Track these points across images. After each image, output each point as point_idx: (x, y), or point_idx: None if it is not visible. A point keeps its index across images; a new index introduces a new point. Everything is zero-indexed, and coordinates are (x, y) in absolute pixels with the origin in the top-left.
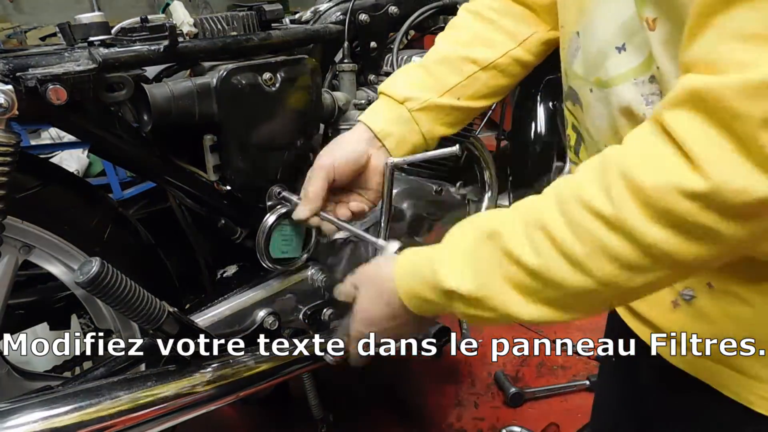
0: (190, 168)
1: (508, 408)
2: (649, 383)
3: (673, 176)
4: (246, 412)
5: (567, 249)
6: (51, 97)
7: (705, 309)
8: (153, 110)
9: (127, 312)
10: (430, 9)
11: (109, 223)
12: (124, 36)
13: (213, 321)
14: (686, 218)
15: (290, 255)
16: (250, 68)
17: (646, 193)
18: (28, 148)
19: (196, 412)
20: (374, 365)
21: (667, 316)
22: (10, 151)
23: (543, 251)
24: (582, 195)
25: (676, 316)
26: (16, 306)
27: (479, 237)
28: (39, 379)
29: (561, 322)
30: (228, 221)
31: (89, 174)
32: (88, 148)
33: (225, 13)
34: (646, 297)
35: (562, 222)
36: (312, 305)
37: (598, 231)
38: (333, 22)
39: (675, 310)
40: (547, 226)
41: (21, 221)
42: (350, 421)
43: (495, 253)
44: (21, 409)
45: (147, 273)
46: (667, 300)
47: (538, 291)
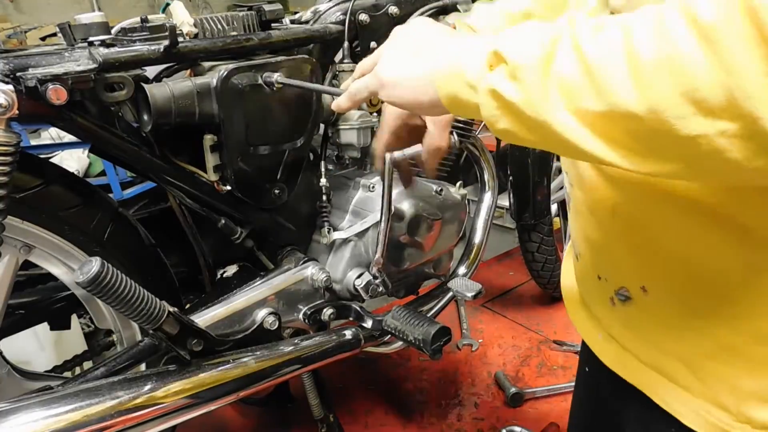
0: (190, 168)
1: (508, 408)
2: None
3: None
4: (246, 412)
5: (634, 49)
6: (51, 97)
7: (637, 312)
8: (153, 110)
9: (127, 312)
10: (430, 9)
11: (109, 223)
12: (124, 36)
13: (213, 321)
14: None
15: None
16: (250, 68)
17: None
18: (28, 148)
19: (196, 412)
20: (374, 365)
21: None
22: (11, 151)
23: (605, 44)
24: (691, 5)
25: (613, 315)
26: (16, 306)
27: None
28: (39, 379)
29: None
30: (228, 221)
31: (89, 174)
32: (88, 148)
33: (225, 13)
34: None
35: (647, 20)
36: (312, 305)
37: (683, 39)
38: (333, 22)
39: (613, 309)
40: (627, 25)
41: (21, 221)
42: (350, 421)
43: (555, 34)
44: (21, 409)
45: (147, 273)
46: (606, 296)
47: (579, 93)
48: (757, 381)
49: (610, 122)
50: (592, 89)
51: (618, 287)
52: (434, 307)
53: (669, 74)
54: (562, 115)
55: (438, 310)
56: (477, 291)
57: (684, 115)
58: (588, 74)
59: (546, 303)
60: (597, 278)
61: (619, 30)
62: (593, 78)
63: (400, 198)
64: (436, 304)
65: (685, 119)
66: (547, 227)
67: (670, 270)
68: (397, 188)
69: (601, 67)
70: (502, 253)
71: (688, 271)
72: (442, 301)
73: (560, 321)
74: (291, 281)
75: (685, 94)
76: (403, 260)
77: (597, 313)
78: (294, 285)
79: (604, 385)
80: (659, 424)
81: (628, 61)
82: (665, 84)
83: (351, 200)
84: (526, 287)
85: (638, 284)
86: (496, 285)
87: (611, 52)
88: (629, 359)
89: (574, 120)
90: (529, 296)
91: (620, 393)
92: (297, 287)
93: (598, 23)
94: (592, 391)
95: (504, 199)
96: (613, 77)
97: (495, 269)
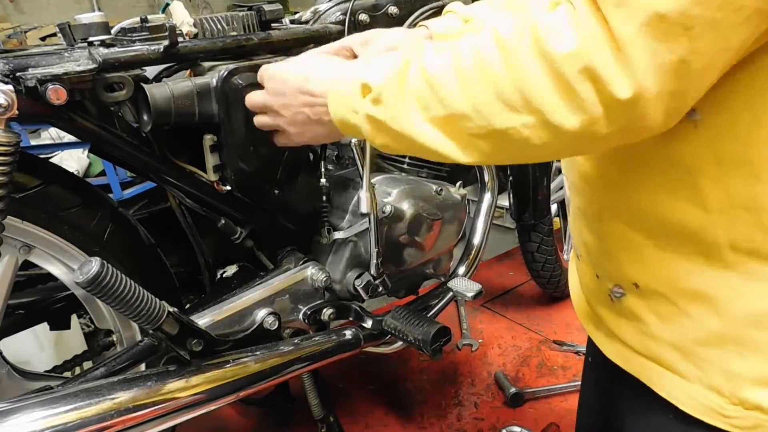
0: (190, 168)
1: (508, 408)
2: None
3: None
4: (246, 412)
5: (461, 63)
6: (51, 97)
7: (633, 307)
8: (153, 110)
9: (127, 312)
10: (430, 9)
11: (109, 223)
12: (124, 36)
13: (213, 321)
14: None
15: None
16: (250, 68)
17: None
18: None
19: (196, 412)
20: (374, 365)
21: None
22: (10, 151)
23: (442, 62)
24: (497, 28)
25: (612, 311)
26: (16, 306)
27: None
28: (39, 379)
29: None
30: (228, 221)
31: (89, 174)
32: (88, 148)
33: (225, 13)
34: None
35: (470, 40)
36: (312, 305)
37: (491, 52)
38: (333, 22)
39: (612, 305)
40: (456, 46)
41: (21, 221)
42: (350, 421)
43: (406, 59)
44: (21, 409)
45: (147, 273)
46: (604, 293)
47: (428, 103)
48: (747, 363)
49: (452, 124)
50: (435, 98)
51: (613, 285)
52: (434, 307)
53: (483, 81)
54: (420, 124)
55: (438, 310)
56: (477, 291)
57: (497, 112)
58: (431, 87)
59: (546, 303)
60: (596, 277)
61: (451, 50)
62: (435, 90)
63: (400, 198)
64: (436, 304)
65: (499, 115)
66: (547, 227)
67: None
68: (397, 188)
69: (439, 81)
70: (502, 253)
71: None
72: (442, 301)
73: (560, 321)
74: (291, 281)
75: (495, 96)
76: (403, 260)
77: (598, 310)
78: (294, 285)
79: (605, 377)
80: (659, 411)
81: (456, 74)
82: (481, 88)
83: (351, 200)
84: (526, 287)
85: (631, 281)
86: (496, 285)
87: (445, 68)
88: (629, 352)
89: (430, 127)
90: (529, 296)
91: (621, 384)
92: (297, 287)
93: (437, 47)
94: (596, 383)
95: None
96: (448, 87)
97: (495, 269)
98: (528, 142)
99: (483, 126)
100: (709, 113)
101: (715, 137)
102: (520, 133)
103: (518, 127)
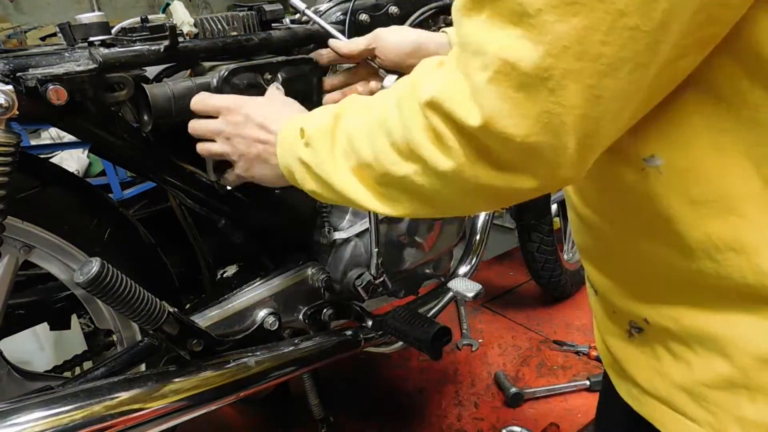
0: (190, 168)
1: (508, 408)
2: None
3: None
4: (246, 412)
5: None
6: (51, 97)
7: (644, 344)
8: (153, 110)
9: (127, 312)
10: (431, 9)
11: (109, 223)
12: (125, 36)
13: (213, 321)
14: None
15: None
16: (251, 68)
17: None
18: (28, 148)
19: (197, 412)
20: (374, 365)
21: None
22: (11, 151)
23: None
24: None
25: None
26: (16, 306)
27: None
28: (39, 379)
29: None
30: (228, 221)
31: (89, 174)
32: (88, 148)
33: (225, 13)
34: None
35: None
36: (312, 305)
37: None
38: (333, 22)
39: (628, 342)
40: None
41: (21, 221)
42: (350, 421)
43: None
44: (21, 409)
45: (147, 273)
46: (621, 329)
47: (348, 153)
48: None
49: (362, 172)
50: (351, 149)
51: (630, 319)
52: (434, 307)
53: (383, 132)
54: (342, 171)
55: (438, 310)
56: (477, 291)
57: (394, 162)
58: (348, 140)
59: (546, 303)
60: (612, 312)
61: (367, 104)
62: (350, 141)
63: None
64: (436, 304)
65: (396, 164)
66: (547, 227)
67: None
68: None
69: (354, 133)
70: (502, 253)
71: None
72: (442, 302)
73: (560, 321)
74: (291, 281)
75: (392, 145)
76: (403, 260)
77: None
78: (294, 285)
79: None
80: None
81: (367, 126)
82: (382, 139)
83: None
84: (526, 287)
85: (642, 316)
86: (496, 285)
87: (361, 122)
88: (640, 393)
89: (349, 174)
90: (529, 296)
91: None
92: (297, 287)
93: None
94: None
95: None
96: (359, 139)
97: (495, 269)
98: (424, 189)
99: (384, 174)
100: (673, 157)
101: (684, 178)
102: (413, 181)
103: (411, 175)
